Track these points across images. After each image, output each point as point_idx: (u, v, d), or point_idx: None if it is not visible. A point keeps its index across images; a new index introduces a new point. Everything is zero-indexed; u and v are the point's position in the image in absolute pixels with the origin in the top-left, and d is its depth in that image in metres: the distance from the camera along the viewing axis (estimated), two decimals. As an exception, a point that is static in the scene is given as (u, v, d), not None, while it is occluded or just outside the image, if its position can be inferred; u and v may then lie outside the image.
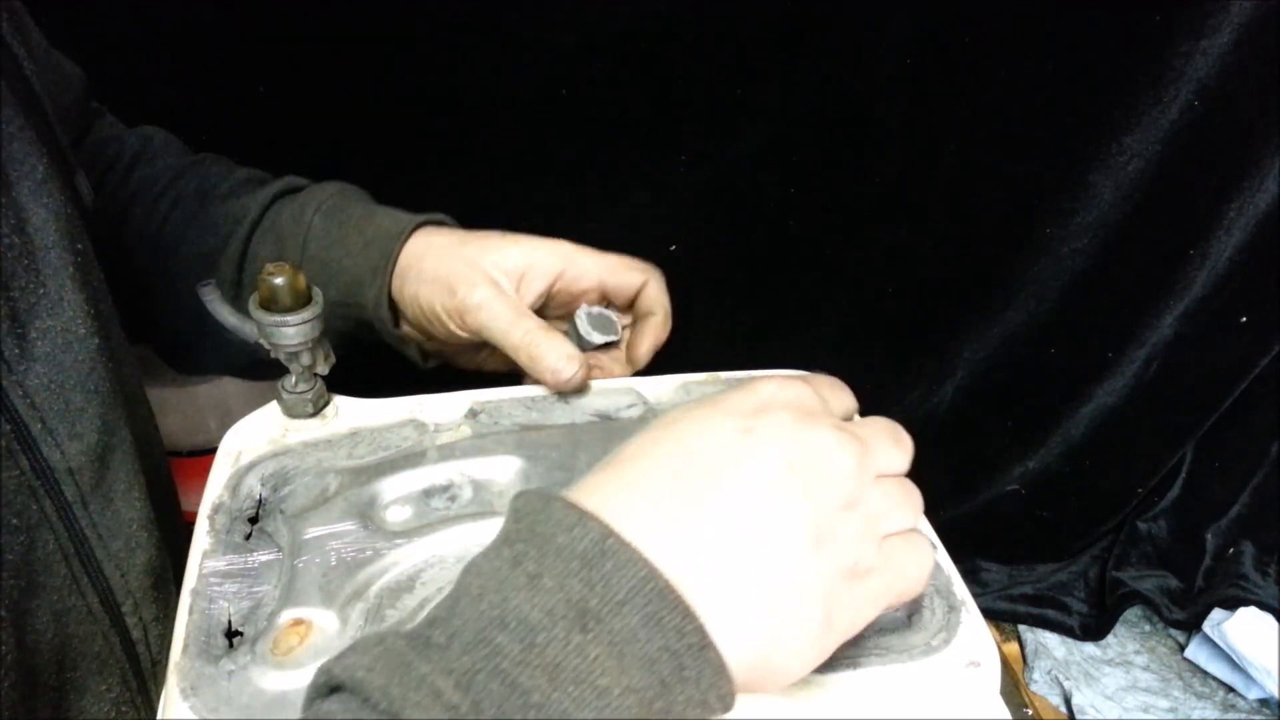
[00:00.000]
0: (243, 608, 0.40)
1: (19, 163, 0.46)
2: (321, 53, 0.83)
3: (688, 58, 0.86)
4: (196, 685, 0.37)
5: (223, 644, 0.39)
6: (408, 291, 0.58)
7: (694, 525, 0.31)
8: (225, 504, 0.46)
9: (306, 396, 0.51)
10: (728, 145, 0.91)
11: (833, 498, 0.34)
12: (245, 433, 0.52)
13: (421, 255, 0.58)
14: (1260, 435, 1.06)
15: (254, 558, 0.43)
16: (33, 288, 0.45)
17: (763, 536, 0.32)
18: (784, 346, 1.03)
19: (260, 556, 0.43)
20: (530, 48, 0.86)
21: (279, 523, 0.45)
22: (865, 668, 0.38)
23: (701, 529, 0.31)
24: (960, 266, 0.97)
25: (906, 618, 0.40)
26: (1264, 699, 1.03)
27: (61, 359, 0.46)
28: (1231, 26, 0.79)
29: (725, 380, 0.55)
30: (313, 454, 0.49)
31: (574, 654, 0.27)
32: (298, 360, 0.50)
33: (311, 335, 0.49)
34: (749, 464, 0.33)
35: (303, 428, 0.51)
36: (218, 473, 0.49)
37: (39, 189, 0.46)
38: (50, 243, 0.46)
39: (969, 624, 0.39)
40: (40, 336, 0.46)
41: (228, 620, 0.40)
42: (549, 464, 0.48)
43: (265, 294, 0.48)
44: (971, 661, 0.38)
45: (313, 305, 0.49)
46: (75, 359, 0.47)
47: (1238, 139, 0.85)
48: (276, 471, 0.48)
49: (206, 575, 0.42)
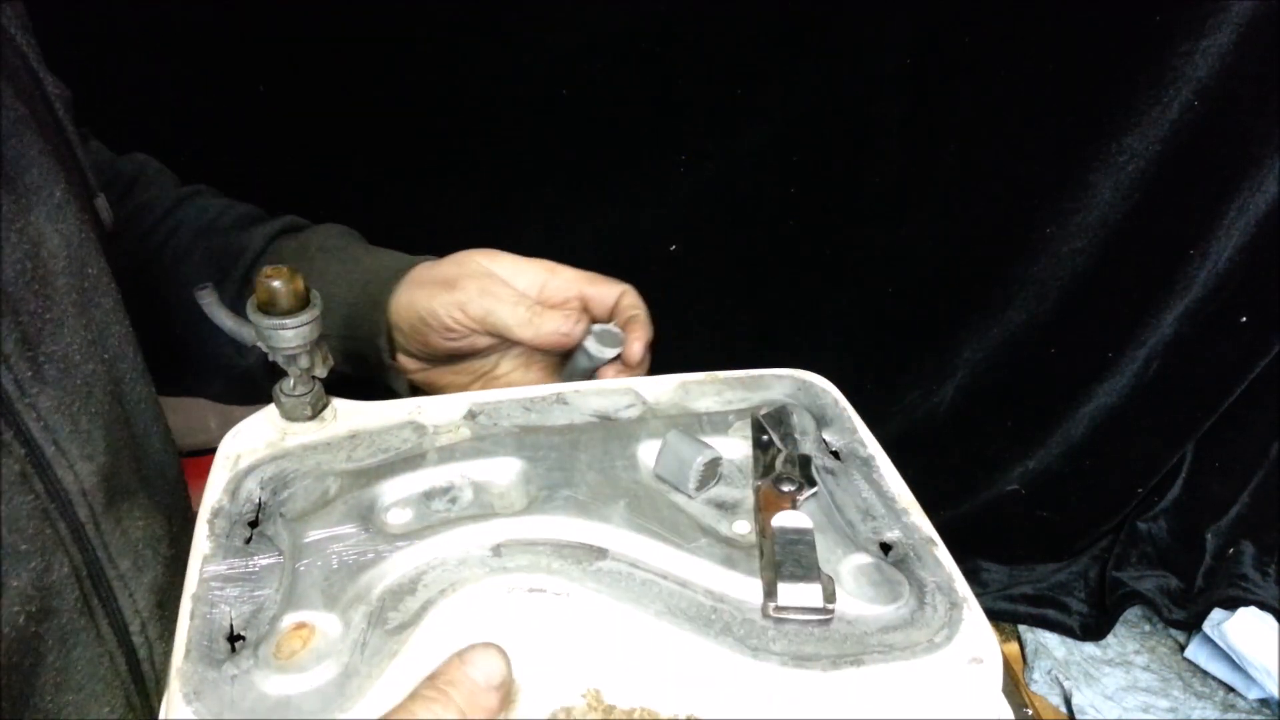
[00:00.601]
0: (244, 611, 0.40)
1: (39, 188, 0.46)
2: (321, 53, 0.83)
3: (688, 58, 0.86)
4: (200, 690, 0.36)
5: (225, 648, 0.38)
6: (403, 299, 0.59)
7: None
8: (225, 508, 0.46)
9: (305, 399, 0.51)
10: (728, 145, 0.91)
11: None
12: (244, 436, 0.51)
13: (418, 277, 0.60)
14: (1260, 435, 1.06)
15: (255, 561, 0.42)
16: (41, 311, 0.45)
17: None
18: (784, 346, 1.03)
19: (261, 560, 0.43)
20: (530, 48, 0.86)
21: (279, 526, 0.45)
22: (868, 665, 0.37)
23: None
24: (960, 266, 0.97)
25: (909, 615, 0.40)
26: (1264, 699, 1.03)
27: (66, 383, 0.46)
28: (1231, 26, 0.79)
29: (724, 379, 0.55)
30: (312, 457, 0.49)
31: None
32: (296, 363, 0.50)
33: (310, 338, 0.48)
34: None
35: (301, 431, 0.51)
36: (216, 476, 0.48)
37: (55, 213, 0.47)
38: (60, 268, 0.47)
39: (970, 621, 0.39)
40: (48, 360, 0.46)
41: (229, 624, 0.39)
42: (549, 464, 0.48)
43: (264, 297, 0.47)
44: (974, 658, 0.38)
45: (311, 308, 0.48)
46: (75, 383, 0.47)
47: (1238, 139, 0.85)
48: (276, 475, 0.48)
49: (207, 579, 0.41)
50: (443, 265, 0.59)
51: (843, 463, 0.49)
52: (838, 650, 0.38)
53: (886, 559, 0.42)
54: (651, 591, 0.41)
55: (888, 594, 0.40)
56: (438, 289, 0.57)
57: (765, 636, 0.39)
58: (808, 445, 0.49)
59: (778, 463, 0.47)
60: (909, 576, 0.41)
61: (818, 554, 0.41)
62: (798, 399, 0.53)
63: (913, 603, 0.40)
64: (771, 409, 0.51)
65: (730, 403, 0.53)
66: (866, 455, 0.49)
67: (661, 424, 0.50)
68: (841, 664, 0.37)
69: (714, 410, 0.52)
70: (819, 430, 0.51)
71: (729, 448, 0.50)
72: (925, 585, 0.41)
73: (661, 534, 0.44)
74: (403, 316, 0.59)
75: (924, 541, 0.43)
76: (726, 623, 0.39)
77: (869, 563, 0.42)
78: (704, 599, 0.41)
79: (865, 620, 0.39)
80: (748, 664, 0.38)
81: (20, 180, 0.45)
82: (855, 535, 0.44)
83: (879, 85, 0.87)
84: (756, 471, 0.47)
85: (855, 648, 0.38)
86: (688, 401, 0.53)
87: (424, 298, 0.57)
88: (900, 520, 0.44)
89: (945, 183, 0.92)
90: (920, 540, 0.43)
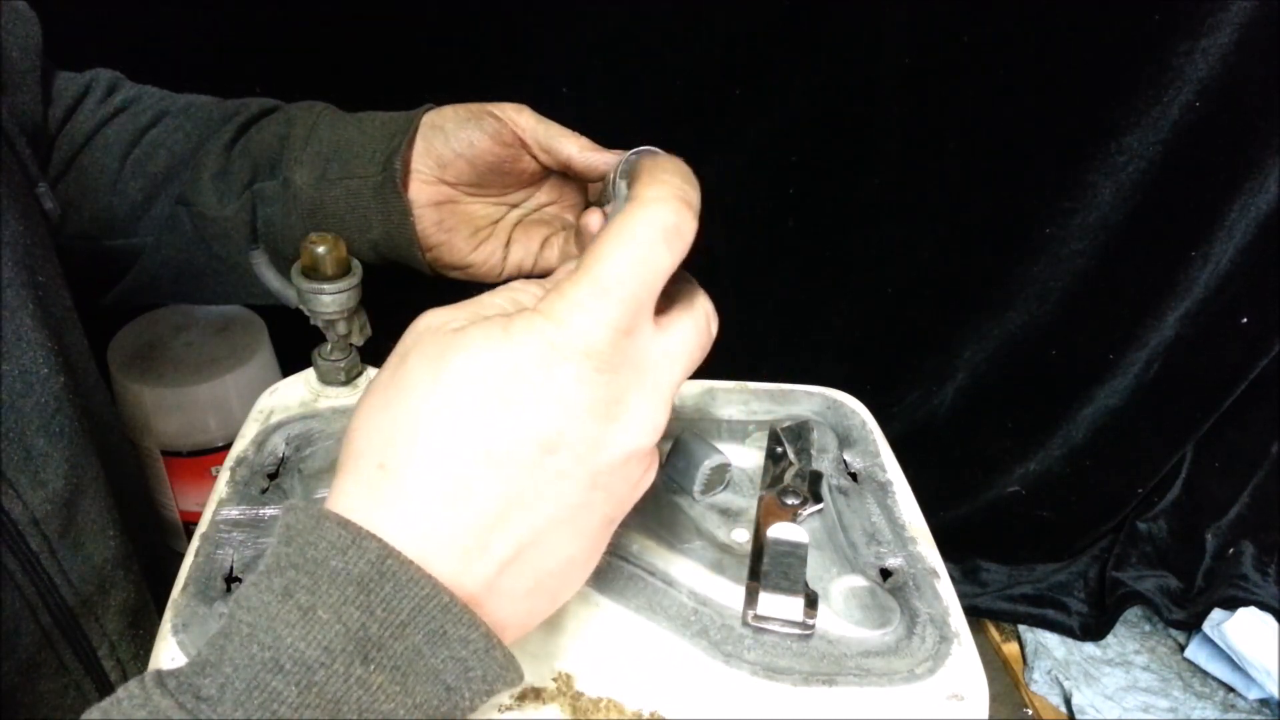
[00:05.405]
0: (246, 556, 0.41)
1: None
2: (322, 52, 0.83)
3: (688, 58, 0.86)
4: (188, 623, 0.38)
5: (220, 588, 0.40)
6: (432, 124, 0.56)
7: (473, 529, 0.29)
8: (249, 458, 0.47)
9: (340, 365, 0.53)
10: (727, 145, 0.91)
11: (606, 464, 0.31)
12: (280, 394, 0.53)
13: (445, 111, 0.57)
14: (1260, 435, 1.06)
15: (266, 511, 0.44)
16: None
17: (535, 511, 0.29)
18: (783, 347, 1.03)
19: (271, 510, 0.44)
20: (530, 48, 0.86)
21: (295, 481, 0.46)
22: (840, 686, 0.37)
23: (487, 524, 0.29)
24: (960, 267, 0.97)
25: (894, 643, 0.39)
26: (1264, 699, 1.03)
27: (21, 404, 0.43)
28: (1231, 26, 0.79)
29: (752, 390, 0.55)
30: (340, 420, 0.50)
31: (356, 687, 0.26)
32: (334, 329, 0.52)
33: (348, 305, 0.50)
34: (548, 495, 0.30)
35: (335, 395, 0.53)
36: (247, 429, 0.50)
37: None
38: (6, 280, 0.43)
39: (959, 656, 0.38)
40: (2, 381, 0.43)
41: (230, 566, 0.41)
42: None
43: (307, 261, 0.49)
44: (954, 694, 0.37)
45: (350, 276, 0.50)
46: (37, 402, 0.44)
47: (1238, 139, 0.85)
48: (303, 433, 0.49)
49: (218, 522, 0.43)
50: (469, 106, 0.57)
51: (859, 485, 0.48)
52: (812, 667, 0.38)
53: (884, 585, 0.42)
54: (636, 586, 0.41)
55: (876, 619, 0.40)
56: (471, 116, 0.56)
57: (741, 644, 0.39)
58: (824, 463, 0.49)
59: (786, 475, 0.47)
60: (903, 605, 0.41)
61: (810, 570, 0.41)
62: (824, 417, 0.53)
63: (900, 631, 0.39)
64: (793, 423, 0.51)
65: (754, 413, 0.53)
66: (884, 480, 0.49)
67: (679, 424, 0.50)
68: (813, 681, 0.37)
69: (735, 419, 0.52)
70: (840, 450, 0.50)
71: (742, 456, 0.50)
72: (918, 615, 0.40)
73: (657, 532, 0.44)
74: (432, 142, 0.56)
75: (926, 572, 0.43)
76: (705, 626, 0.39)
77: (863, 586, 0.42)
78: (687, 600, 0.41)
79: (847, 641, 0.39)
80: (719, 669, 0.38)
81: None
82: (855, 557, 0.44)
83: (879, 85, 0.87)
84: (764, 481, 0.47)
85: (831, 667, 0.38)
86: (711, 407, 0.53)
87: (454, 126, 0.56)
88: (906, 548, 0.44)
89: (945, 183, 0.92)
90: (923, 570, 0.43)
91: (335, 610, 0.26)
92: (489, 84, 0.88)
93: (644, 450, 0.31)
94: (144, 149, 0.61)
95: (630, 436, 0.31)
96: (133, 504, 0.55)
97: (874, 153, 0.91)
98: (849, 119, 0.89)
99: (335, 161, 0.57)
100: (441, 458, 0.29)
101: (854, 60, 0.86)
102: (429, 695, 0.27)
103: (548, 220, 0.60)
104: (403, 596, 0.27)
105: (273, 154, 0.58)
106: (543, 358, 0.29)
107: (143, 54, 0.71)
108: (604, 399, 0.30)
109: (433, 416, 0.29)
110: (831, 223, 0.96)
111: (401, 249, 0.57)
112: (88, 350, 0.53)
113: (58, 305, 0.49)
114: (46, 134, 0.59)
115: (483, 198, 0.59)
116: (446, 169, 0.56)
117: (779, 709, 0.37)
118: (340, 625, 0.26)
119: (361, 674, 0.26)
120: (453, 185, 0.57)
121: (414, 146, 0.56)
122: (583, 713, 0.36)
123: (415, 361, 0.30)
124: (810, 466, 0.48)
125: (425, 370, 0.30)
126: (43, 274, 0.47)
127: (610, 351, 0.30)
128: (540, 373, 0.29)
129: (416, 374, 0.30)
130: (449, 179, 0.57)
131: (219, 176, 0.58)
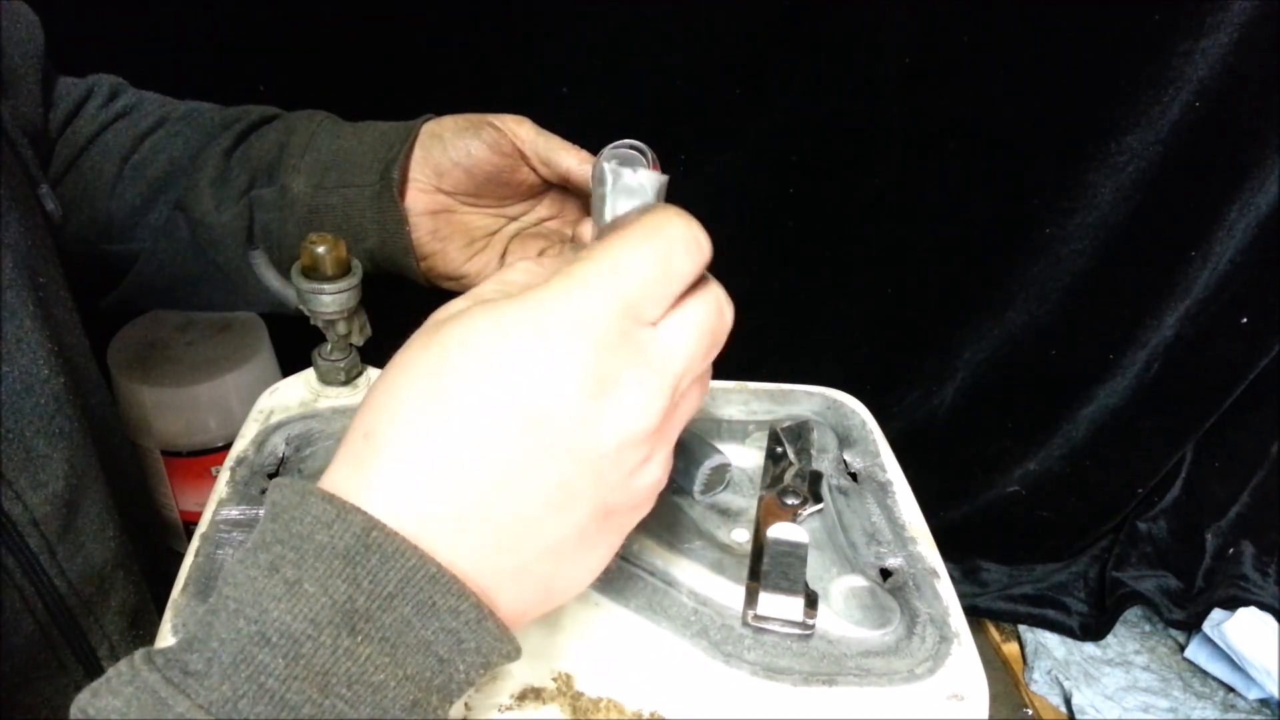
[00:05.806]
0: None
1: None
2: (321, 52, 0.83)
3: (688, 58, 0.86)
4: (188, 623, 0.38)
5: None
6: (431, 133, 0.56)
7: (451, 498, 0.28)
8: (249, 458, 0.47)
9: (339, 365, 0.53)
10: (727, 145, 0.91)
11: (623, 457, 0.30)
12: (280, 394, 0.53)
13: (443, 121, 0.58)
14: (1260, 435, 1.06)
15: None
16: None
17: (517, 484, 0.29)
18: (783, 347, 1.03)
19: None
20: (530, 48, 0.86)
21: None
22: (840, 686, 0.37)
23: (472, 498, 0.28)
24: (960, 266, 0.97)
25: (894, 643, 0.39)
26: (1264, 699, 1.03)
27: (21, 405, 0.43)
28: (1231, 26, 0.79)
29: (753, 390, 0.54)
30: (339, 420, 0.50)
31: (344, 658, 0.26)
32: (334, 329, 0.52)
33: (348, 305, 0.50)
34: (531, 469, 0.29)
35: (334, 395, 0.53)
36: (247, 429, 0.50)
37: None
38: (8, 281, 0.43)
39: (959, 656, 0.38)
40: (2, 382, 0.43)
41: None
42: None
43: (307, 261, 0.49)
44: (954, 694, 0.37)
45: (350, 276, 0.50)
46: (37, 403, 0.44)
47: (1238, 139, 0.85)
48: (302, 433, 0.50)
49: (218, 522, 0.43)
50: (467, 116, 0.57)
51: (859, 485, 0.48)
52: (812, 667, 0.38)
53: (884, 585, 0.42)
54: (636, 586, 0.41)
55: (876, 619, 0.40)
56: (469, 126, 0.56)
57: (741, 644, 0.39)
58: (824, 463, 0.49)
59: (786, 475, 0.47)
60: (903, 605, 0.41)
61: (810, 570, 0.41)
62: (825, 417, 0.53)
63: (900, 631, 0.39)
64: (793, 423, 0.51)
65: (755, 413, 0.52)
66: (885, 480, 0.49)
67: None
68: (813, 681, 0.37)
69: (735, 419, 0.52)
70: (840, 450, 0.50)
71: (743, 456, 0.50)
72: (918, 615, 0.40)
73: (657, 532, 0.44)
74: (429, 152, 0.56)
75: (926, 572, 0.43)
76: (705, 626, 0.39)
77: (863, 586, 0.42)
78: (687, 600, 0.41)
79: (847, 642, 0.39)
80: (719, 669, 0.38)
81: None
82: (855, 557, 0.44)
83: (879, 85, 0.87)
84: (764, 481, 0.47)
85: (831, 667, 0.38)
86: (712, 407, 0.53)
87: (451, 135, 0.56)
88: (906, 548, 0.44)
89: (945, 183, 0.92)
90: (923, 570, 0.43)
91: (321, 583, 0.26)
92: (489, 84, 0.88)
93: (638, 436, 0.30)
94: (143, 154, 0.61)
95: (621, 417, 0.29)
96: (133, 504, 0.55)
97: (874, 153, 0.91)
98: (849, 119, 0.89)
99: (333, 170, 0.57)
100: (420, 424, 0.28)
101: (854, 60, 0.86)
102: (421, 667, 0.27)
103: (546, 234, 0.60)
104: (389, 568, 0.27)
105: (271, 161, 0.58)
106: (535, 325, 0.28)
107: (143, 55, 0.71)
108: (595, 374, 0.29)
109: (414, 382, 0.29)
110: (831, 223, 0.96)
111: (397, 257, 0.57)
112: (88, 351, 0.52)
113: (59, 306, 0.49)
114: (47, 137, 0.59)
115: (480, 208, 0.59)
116: (444, 178, 0.56)
117: (779, 709, 0.37)
118: (326, 598, 0.26)
119: (349, 645, 0.26)
120: (450, 194, 0.57)
121: (412, 155, 0.56)
122: (583, 713, 0.36)
123: (414, 337, 0.31)
124: (810, 466, 0.48)
125: (418, 341, 0.30)
126: (44, 275, 0.47)
127: (607, 326, 0.29)
128: (529, 339, 0.28)
129: (411, 347, 0.30)
130: (446, 188, 0.57)
131: (217, 183, 0.58)
